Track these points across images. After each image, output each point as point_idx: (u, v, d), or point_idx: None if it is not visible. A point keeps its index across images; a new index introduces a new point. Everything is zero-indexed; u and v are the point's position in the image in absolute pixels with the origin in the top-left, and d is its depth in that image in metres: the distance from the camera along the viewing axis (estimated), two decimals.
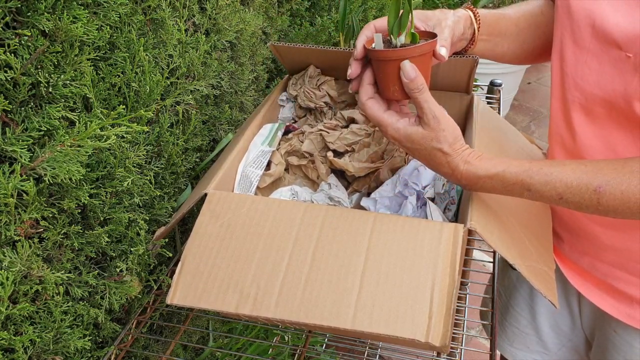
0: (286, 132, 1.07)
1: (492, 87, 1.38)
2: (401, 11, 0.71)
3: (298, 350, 0.89)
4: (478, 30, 0.83)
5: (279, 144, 1.03)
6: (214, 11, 1.03)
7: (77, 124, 0.69)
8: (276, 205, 0.77)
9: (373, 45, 0.74)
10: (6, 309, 0.65)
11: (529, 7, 0.88)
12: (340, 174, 1.00)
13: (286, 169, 1.02)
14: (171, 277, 0.78)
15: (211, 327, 1.26)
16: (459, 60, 0.92)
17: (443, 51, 0.74)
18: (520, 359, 1.05)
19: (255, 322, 0.99)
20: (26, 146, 0.65)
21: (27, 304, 0.67)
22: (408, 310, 0.67)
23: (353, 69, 0.76)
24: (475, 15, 0.83)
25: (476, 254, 1.85)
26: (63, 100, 0.70)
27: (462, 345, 0.91)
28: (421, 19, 0.79)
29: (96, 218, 0.80)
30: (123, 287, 0.84)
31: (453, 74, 1.03)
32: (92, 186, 0.77)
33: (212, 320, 1.26)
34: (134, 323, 0.91)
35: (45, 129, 0.67)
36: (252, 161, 0.95)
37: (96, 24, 0.71)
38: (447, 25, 0.78)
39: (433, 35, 0.76)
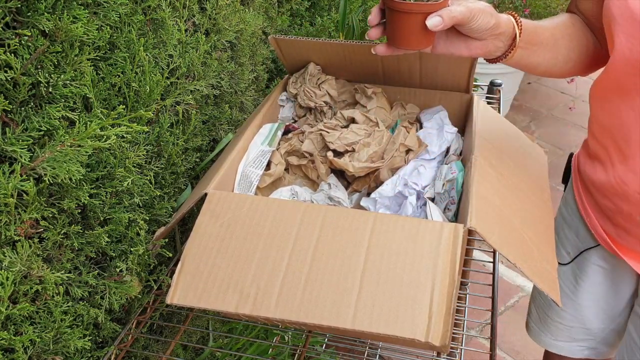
0: (286, 132, 1.07)
1: (492, 87, 1.38)
2: None
3: (298, 350, 0.89)
4: (519, 37, 0.80)
5: (279, 143, 1.03)
6: (214, 11, 1.03)
7: (77, 124, 0.69)
8: (276, 205, 0.77)
9: None
10: (6, 309, 0.65)
11: (561, 19, 0.89)
12: (340, 174, 1.00)
13: (286, 169, 1.02)
14: (171, 277, 0.78)
15: (211, 327, 1.26)
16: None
17: (432, 21, 0.74)
18: (566, 349, 1.10)
19: (255, 322, 0.99)
20: (26, 146, 0.65)
21: (27, 304, 0.67)
22: (408, 310, 0.67)
23: (372, 15, 0.79)
24: (517, 21, 0.80)
25: (476, 254, 1.85)
26: (63, 100, 0.70)
27: (462, 345, 0.91)
28: None
29: (96, 218, 0.80)
30: (123, 287, 0.84)
31: (453, 71, 1.03)
32: (92, 186, 0.77)
33: (212, 320, 1.26)
34: (134, 323, 0.91)
35: (45, 129, 0.67)
36: (252, 161, 0.95)
37: (96, 24, 0.71)
38: (467, 6, 0.75)
39: None
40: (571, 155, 1.03)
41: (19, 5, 0.62)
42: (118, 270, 0.84)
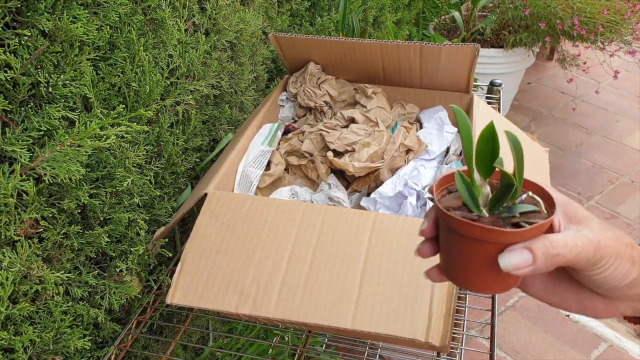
0: (286, 132, 1.07)
1: (492, 87, 1.37)
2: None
3: (298, 350, 0.89)
4: None
5: (279, 143, 1.03)
6: (214, 11, 1.03)
7: (77, 123, 0.69)
8: (276, 205, 0.77)
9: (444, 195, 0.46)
10: (6, 309, 0.65)
11: None
12: (340, 174, 1.00)
13: (286, 169, 1.02)
14: (171, 277, 0.77)
15: (211, 327, 1.26)
16: (459, 49, 0.90)
17: (510, 259, 0.40)
18: None
19: (255, 322, 0.99)
20: (26, 146, 0.65)
21: (27, 304, 0.67)
22: (408, 310, 0.67)
23: (427, 226, 0.46)
24: None
25: None
26: (63, 100, 0.70)
27: (462, 345, 0.90)
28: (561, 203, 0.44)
29: (96, 218, 0.80)
30: (123, 287, 0.84)
31: (453, 71, 1.03)
32: (92, 186, 0.77)
33: (212, 320, 1.26)
34: (134, 323, 0.91)
35: (45, 129, 0.67)
36: (252, 161, 0.95)
37: (96, 24, 0.71)
38: (591, 239, 0.41)
39: (548, 200, 0.43)
40: None
41: (19, 5, 0.62)
42: (118, 270, 0.84)
